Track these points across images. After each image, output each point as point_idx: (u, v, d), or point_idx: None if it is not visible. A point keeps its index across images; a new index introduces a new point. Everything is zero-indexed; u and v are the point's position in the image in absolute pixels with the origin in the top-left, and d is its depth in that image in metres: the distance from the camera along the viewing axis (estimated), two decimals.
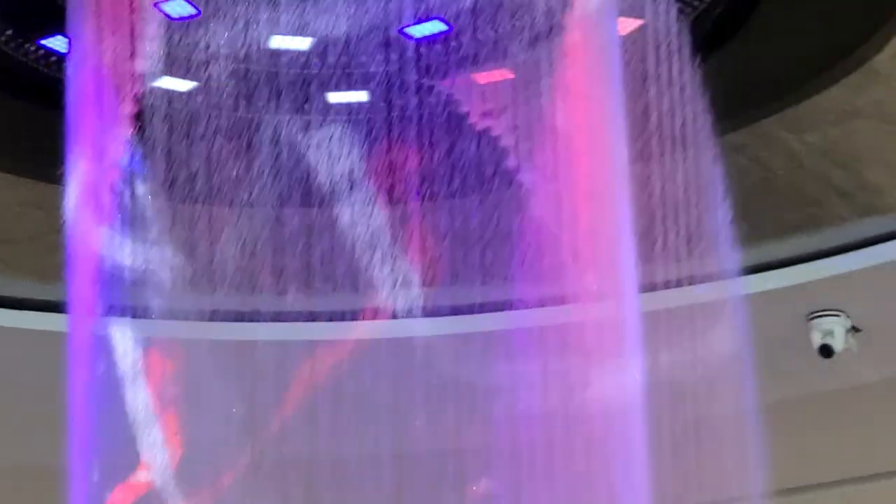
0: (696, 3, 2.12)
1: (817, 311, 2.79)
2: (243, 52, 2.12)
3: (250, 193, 2.34)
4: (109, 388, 2.33)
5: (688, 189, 2.13)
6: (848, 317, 2.79)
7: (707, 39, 2.19)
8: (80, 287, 2.09)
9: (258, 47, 2.10)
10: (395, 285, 2.50)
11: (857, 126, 2.42)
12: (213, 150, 2.28)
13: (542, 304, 2.37)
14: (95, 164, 2.10)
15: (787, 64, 2.28)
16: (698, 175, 2.06)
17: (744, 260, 2.46)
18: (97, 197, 2.11)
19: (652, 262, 2.12)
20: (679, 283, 2.35)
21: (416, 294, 2.48)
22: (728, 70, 2.23)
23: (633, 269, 1.93)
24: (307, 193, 2.46)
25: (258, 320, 2.90)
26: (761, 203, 2.55)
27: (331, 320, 2.90)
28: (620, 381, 1.91)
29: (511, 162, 2.25)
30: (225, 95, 2.23)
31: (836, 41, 2.16)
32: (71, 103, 2.03)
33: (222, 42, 2.09)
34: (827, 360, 2.88)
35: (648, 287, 2.17)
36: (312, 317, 2.94)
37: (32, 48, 2.14)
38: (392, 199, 2.42)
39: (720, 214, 2.15)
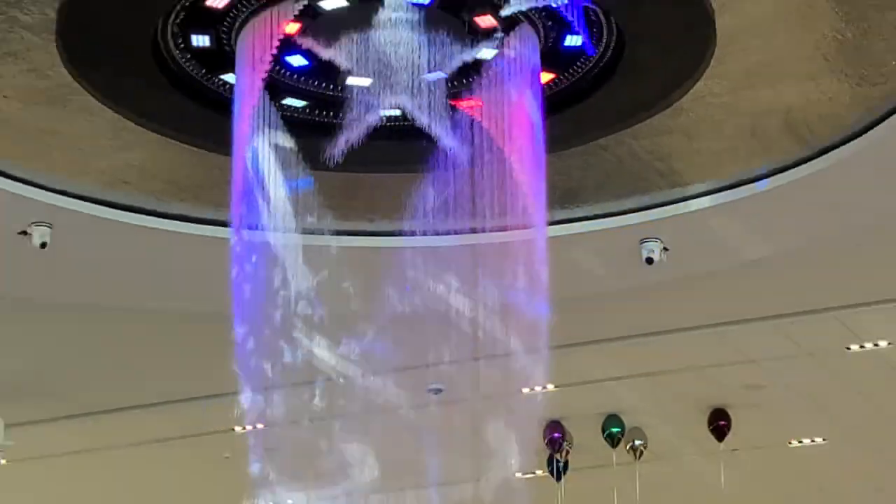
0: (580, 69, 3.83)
1: (645, 238, 4.85)
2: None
3: None
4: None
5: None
6: (661, 241, 4.89)
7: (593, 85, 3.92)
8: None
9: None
10: None
11: (670, 138, 4.36)
12: None
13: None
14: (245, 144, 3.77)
15: (635, 101, 4.10)
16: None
17: (606, 209, 4.54)
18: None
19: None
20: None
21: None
22: (602, 101, 4.06)
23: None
24: None
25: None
26: (615, 178, 4.55)
27: None
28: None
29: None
30: None
31: (661, 90, 3.96)
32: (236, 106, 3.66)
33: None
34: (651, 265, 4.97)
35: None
36: None
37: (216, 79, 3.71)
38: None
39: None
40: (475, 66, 3.48)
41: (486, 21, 3.29)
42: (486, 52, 3.39)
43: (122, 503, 9.97)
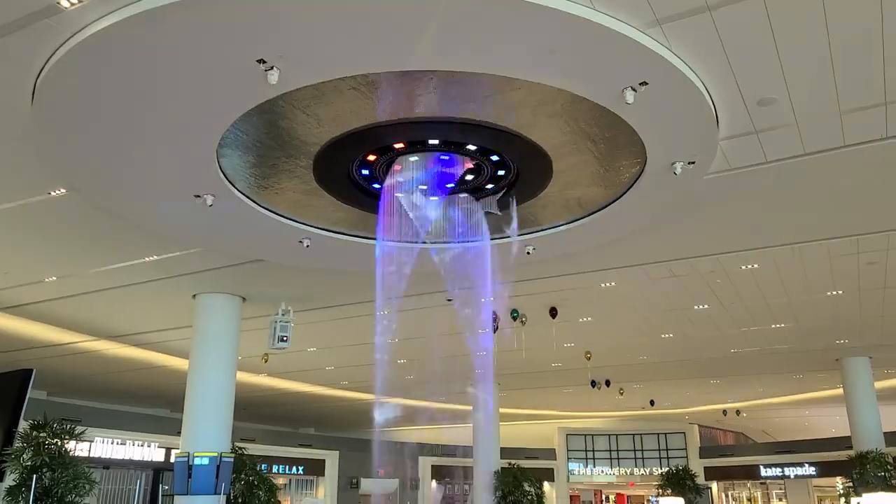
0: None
1: (528, 243, 11.35)
2: None
3: None
4: None
5: None
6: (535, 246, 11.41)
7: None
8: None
9: None
10: None
11: (537, 207, 10.73)
12: None
13: None
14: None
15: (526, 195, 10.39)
16: None
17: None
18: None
19: None
20: None
21: None
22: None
23: None
24: None
25: None
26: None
27: None
28: None
29: None
30: None
31: (534, 190, 10.26)
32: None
33: None
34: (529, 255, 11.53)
35: None
36: None
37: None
38: None
39: None
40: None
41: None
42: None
43: None
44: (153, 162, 8.70)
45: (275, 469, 27.28)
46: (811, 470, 30.77)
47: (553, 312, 16.17)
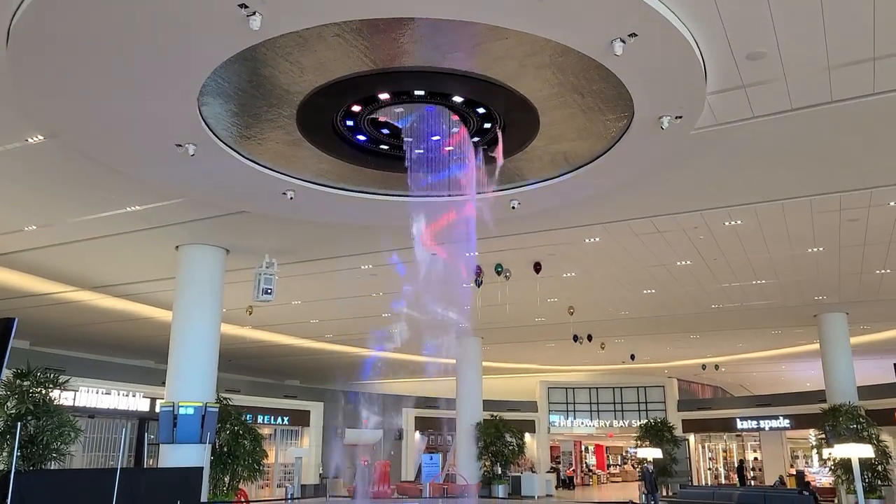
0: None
1: (513, 198, 11.29)
2: None
3: None
4: None
5: None
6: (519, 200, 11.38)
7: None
8: None
9: None
10: None
11: (523, 161, 10.65)
12: None
13: None
14: None
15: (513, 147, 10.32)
16: None
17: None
18: None
19: None
20: None
21: None
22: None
23: None
24: None
25: None
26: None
27: None
28: None
29: None
30: None
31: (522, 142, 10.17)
32: None
33: None
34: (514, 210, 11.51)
35: None
36: None
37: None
38: None
39: None
40: None
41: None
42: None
43: None
44: (132, 109, 8.52)
45: (260, 419, 27.57)
46: (785, 423, 31.58)
47: (537, 267, 16.27)
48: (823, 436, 21.11)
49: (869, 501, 17.39)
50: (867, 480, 18.64)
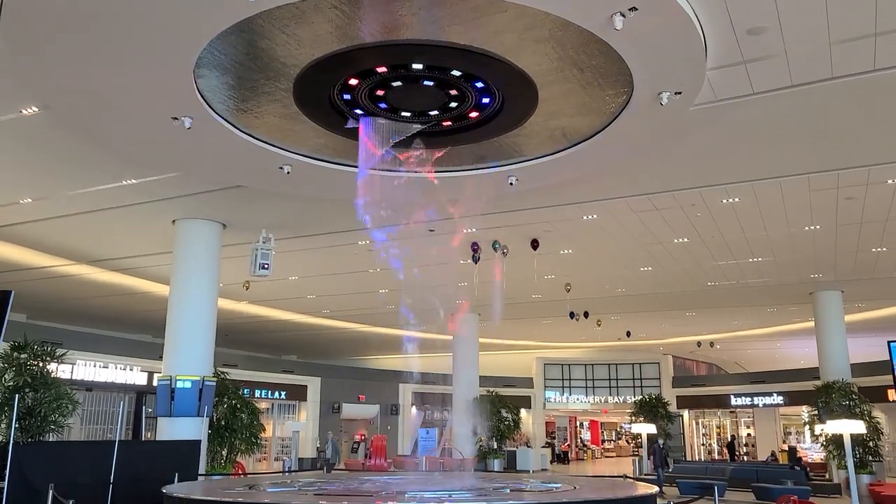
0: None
1: (511, 174, 11.24)
2: None
3: None
4: None
5: None
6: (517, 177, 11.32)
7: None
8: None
9: None
10: None
11: (521, 137, 10.59)
12: None
13: None
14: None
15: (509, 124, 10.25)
16: None
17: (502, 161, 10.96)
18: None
19: None
20: None
21: None
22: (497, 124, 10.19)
23: None
24: None
25: None
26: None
27: None
28: None
29: None
30: None
31: (519, 118, 10.11)
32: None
33: None
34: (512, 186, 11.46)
35: None
36: None
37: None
38: None
39: None
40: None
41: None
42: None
43: None
44: (128, 81, 8.44)
45: (257, 394, 27.74)
46: (779, 399, 31.88)
47: (534, 244, 16.27)
48: (816, 412, 21.30)
49: (860, 476, 17.58)
50: (858, 456, 18.86)
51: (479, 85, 8.93)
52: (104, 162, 11.55)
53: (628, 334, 31.22)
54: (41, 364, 11.63)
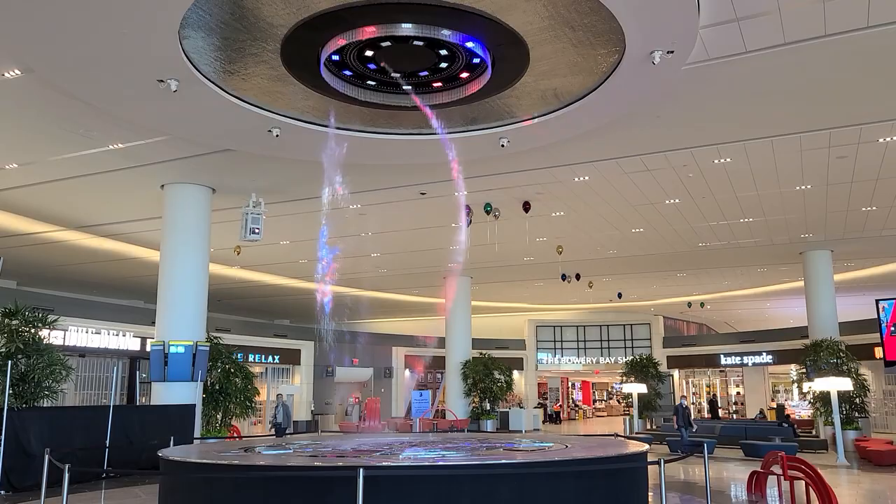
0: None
1: (502, 136, 11.15)
2: None
3: None
4: None
5: None
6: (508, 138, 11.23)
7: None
8: None
9: None
10: None
11: (512, 98, 10.47)
12: None
13: None
14: None
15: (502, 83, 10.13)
16: None
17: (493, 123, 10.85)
18: None
19: None
20: None
21: None
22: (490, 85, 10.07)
23: None
24: None
25: None
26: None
27: None
28: None
29: None
30: None
31: (513, 77, 9.99)
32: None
33: None
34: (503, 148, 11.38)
35: None
36: None
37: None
38: None
39: None
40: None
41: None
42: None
43: None
44: (111, 42, 8.27)
45: (251, 358, 27.87)
46: (768, 358, 32.29)
47: (526, 206, 16.24)
48: (804, 370, 21.58)
49: (846, 432, 17.90)
50: (845, 412, 19.17)
51: (470, 45, 8.81)
52: (91, 128, 11.38)
53: (619, 296, 31.40)
54: (33, 330, 11.61)
